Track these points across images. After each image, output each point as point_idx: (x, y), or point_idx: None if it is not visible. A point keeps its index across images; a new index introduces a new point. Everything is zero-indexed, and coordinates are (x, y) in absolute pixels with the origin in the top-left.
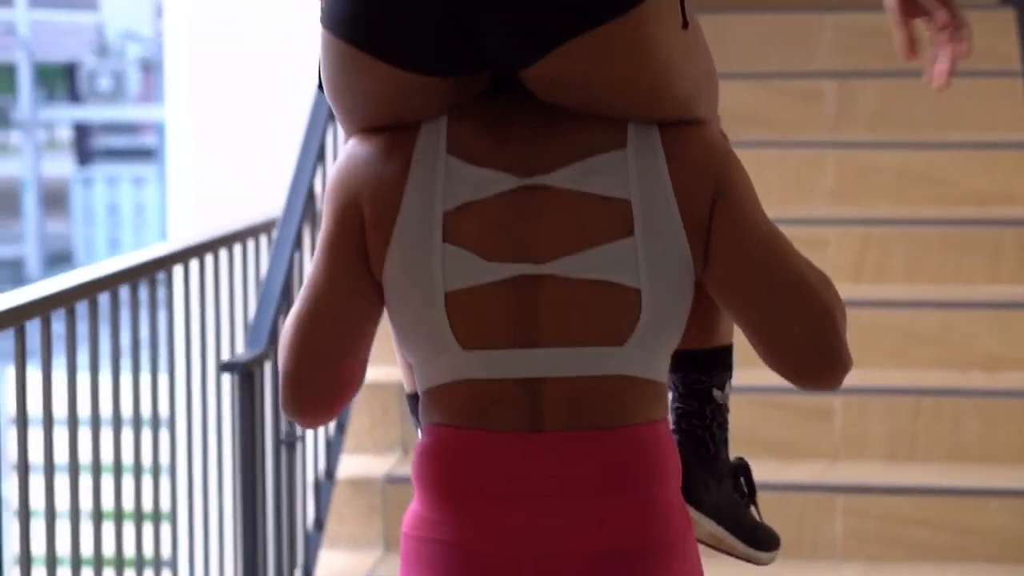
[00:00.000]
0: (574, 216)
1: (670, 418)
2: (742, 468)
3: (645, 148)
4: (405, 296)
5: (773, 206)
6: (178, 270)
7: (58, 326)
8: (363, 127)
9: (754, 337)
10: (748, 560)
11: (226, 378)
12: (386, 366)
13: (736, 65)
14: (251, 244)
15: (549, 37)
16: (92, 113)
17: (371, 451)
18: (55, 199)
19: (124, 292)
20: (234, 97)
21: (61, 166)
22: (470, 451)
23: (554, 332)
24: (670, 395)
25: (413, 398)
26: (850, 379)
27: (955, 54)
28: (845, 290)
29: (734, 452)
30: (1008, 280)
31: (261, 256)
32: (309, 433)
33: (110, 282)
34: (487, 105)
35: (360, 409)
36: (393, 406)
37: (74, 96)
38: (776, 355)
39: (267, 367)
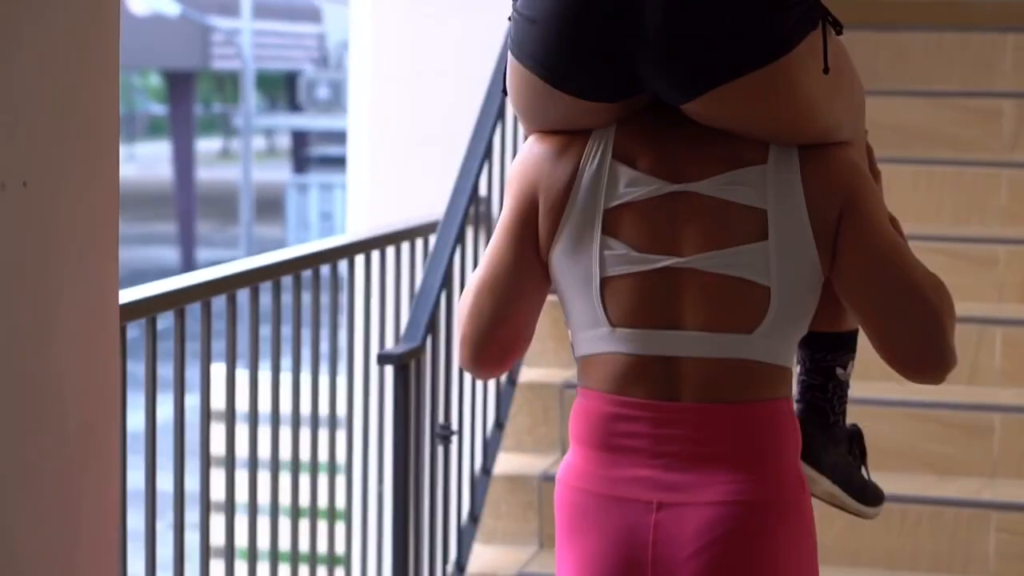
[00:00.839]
0: (715, 219)
1: (795, 389)
2: (856, 434)
3: (783, 166)
4: (568, 278)
5: (946, 223)
6: (343, 265)
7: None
8: (542, 129)
9: (870, 332)
10: (857, 514)
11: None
12: (547, 367)
13: (916, 83)
14: (419, 243)
15: (700, 83)
16: (308, 121)
17: (531, 450)
18: (272, 205)
19: (287, 281)
20: (410, 107)
21: (279, 173)
22: (615, 414)
23: (692, 318)
24: (797, 369)
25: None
26: (1011, 397)
27: None
28: (1014, 309)
29: (894, 466)
30: None
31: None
32: (466, 429)
33: (272, 272)
34: (649, 118)
35: (520, 408)
36: (553, 407)
37: (294, 105)
38: (887, 349)
39: (424, 360)
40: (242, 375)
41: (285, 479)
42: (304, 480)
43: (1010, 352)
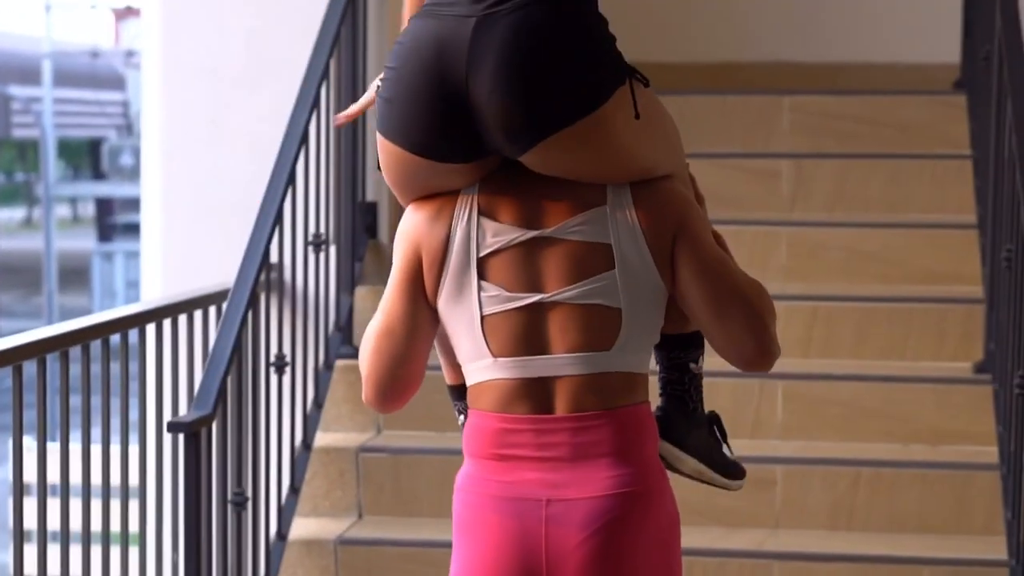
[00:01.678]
0: (570, 258)
1: (658, 384)
2: (715, 418)
3: (619, 203)
4: (454, 319)
5: None
6: (134, 333)
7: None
8: (414, 197)
9: (707, 333)
10: (723, 487)
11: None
12: (343, 432)
13: (697, 145)
14: (212, 310)
15: (527, 139)
16: (112, 189)
17: (327, 514)
18: (77, 274)
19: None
20: (202, 174)
21: (84, 241)
22: (503, 429)
23: (559, 343)
24: (658, 368)
25: (453, 388)
26: (793, 450)
27: None
28: (794, 364)
29: (683, 520)
30: (951, 357)
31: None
32: (262, 494)
33: (61, 342)
34: (504, 175)
35: (316, 473)
36: (349, 470)
37: (98, 172)
38: (722, 347)
39: (214, 427)
40: (30, 445)
41: (76, 551)
42: (96, 552)
43: (790, 406)
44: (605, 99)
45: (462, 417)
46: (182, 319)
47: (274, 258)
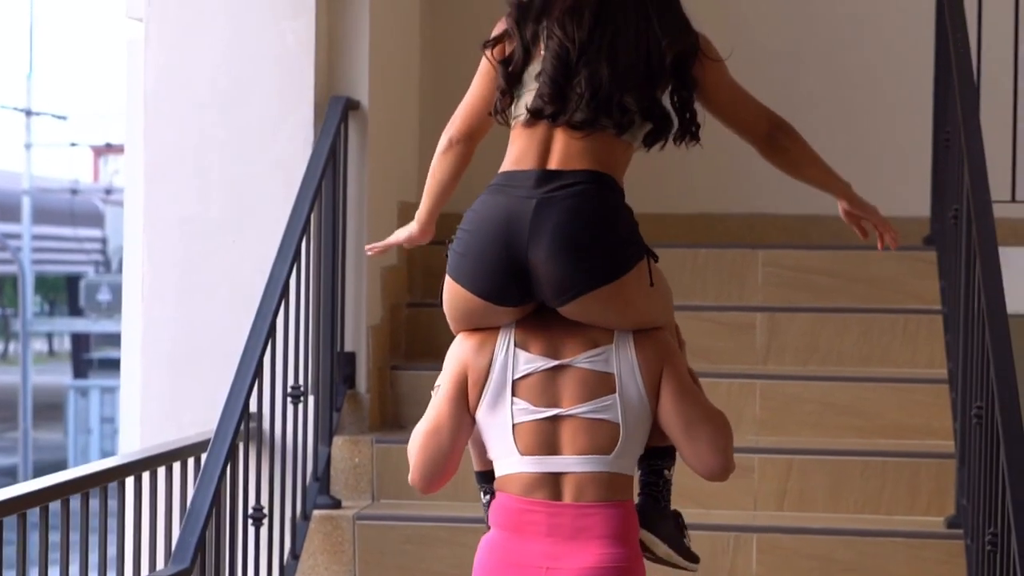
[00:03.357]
0: (583, 382)
1: (638, 486)
2: (678, 515)
3: (623, 344)
4: (490, 425)
5: None
6: (114, 486)
7: None
8: (465, 328)
9: (679, 448)
10: (685, 568)
11: None
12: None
13: (674, 298)
14: (191, 461)
15: (567, 296)
16: (89, 325)
17: None
18: (52, 409)
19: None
20: (184, 320)
21: (60, 376)
22: (522, 509)
23: (570, 447)
24: (639, 473)
25: (480, 473)
26: None
27: (889, 239)
28: (768, 517)
29: None
30: (924, 511)
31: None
32: None
33: (40, 498)
34: (535, 317)
35: None
36: None
37: (75, 308)
38: (690, 459)
39: None
40: None
41: None
42: None
43: (765, 559)
44: (629, 270)
45: (487, 497)
46: (161, 471)
47: (253, 408)
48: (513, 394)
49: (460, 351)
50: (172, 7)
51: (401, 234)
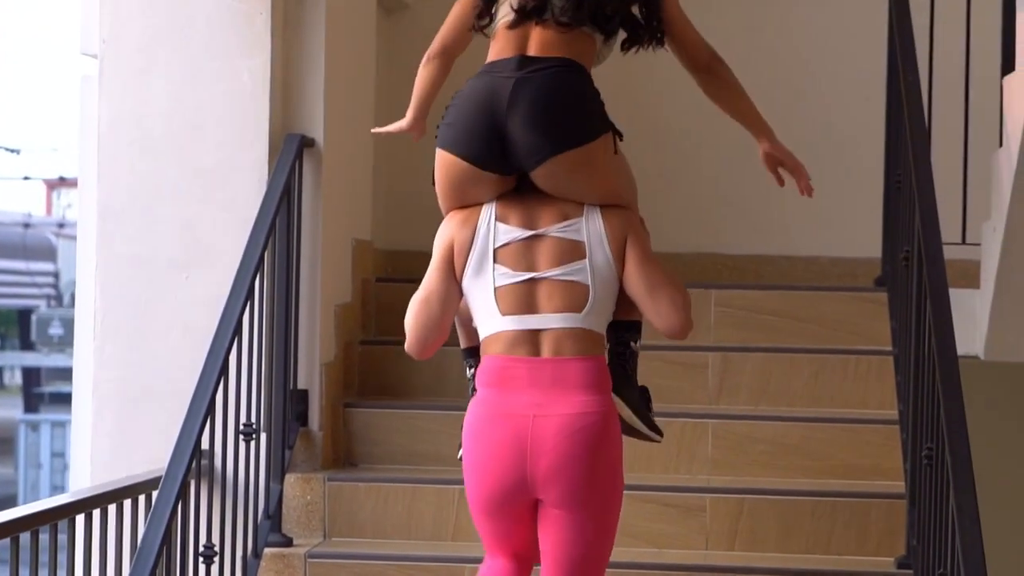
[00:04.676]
0: (556, 250)
1: (607, 356)
2: (645, 389)
3: (592, 216)
4: (475, 290)
5: (657, 472)
6: (64, 524)
7: None
8: (453, 206)
9: (643, 308)
10: (647, 438)
11: None
12: None
13: None
14: (141, 499)
15: (541, 156)
16: (40, 359)
17: None
18: (1, 443)
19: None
20: (136, 359)
21: (10, 411)
22: (505, 366)
23: (546, 306)
24: (608, 344)
25: (465, 350)
26: None
27: (804, 185)
28: (719, 557)
29: None
30: (874, 552)
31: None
32: None
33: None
34: (513, 195)
35: None
36: None
37: (26, 342)
38: (653, 319)
39: None
40: None
41: None
42: None
43: None
44: (595, 137)
45: (471, 370)
46: (111, 509)
47: (205, 445)
48: (495, 261)
49: (447, 229)
50: (126, 44)
51: (396, 125)
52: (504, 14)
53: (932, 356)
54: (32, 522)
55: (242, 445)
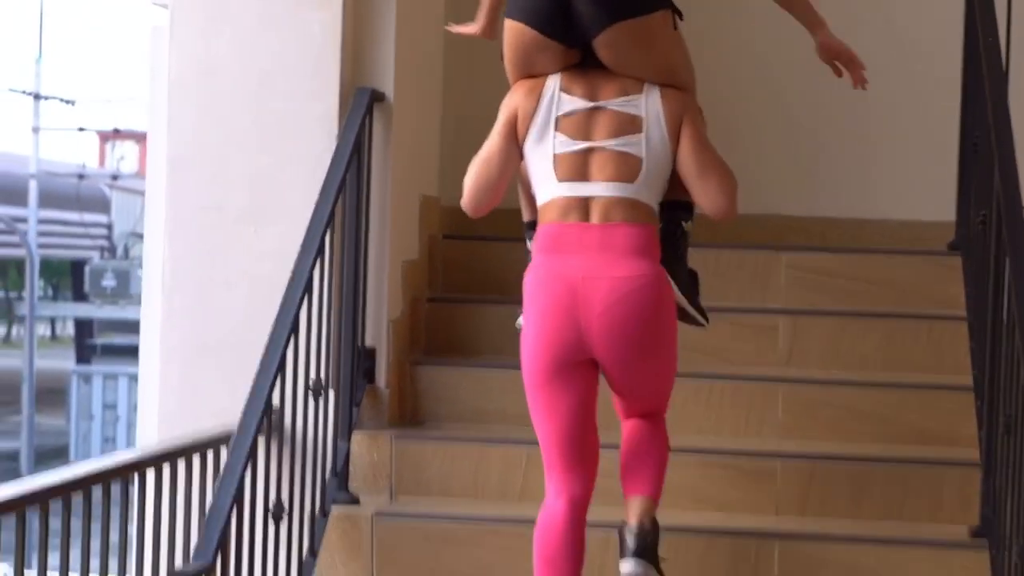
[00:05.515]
0: (614, 122)
1: (660, 235)
2: (695, 273)
3: (651, 93)
4: (535, 155)
5: (726, 437)
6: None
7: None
8: (520, 76)
9: (692, 189)
10: (693, 321)
11: None
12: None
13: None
14: (210, 455)
15: (604, 21)
16: (93, 311)
17: None
18: (55, 394)
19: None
20: (201, 312)
21: (63, 361)
22: (559, 232)
23: (599, 174)
24: (660, 223)
25: (529, 224)
26: None
27: (858, 77)
28: (790, 522)
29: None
30: (948, 520)
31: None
32: None
33: (61, 490)
34: (577, 69)
35: None
36: None
37: (79, 293)
38: (701, 198)
39: None
40: None
41: None
42: None
43: (787, 567)
44: (653, 10)
45: (530, 243)
46: (181, 465)
47: (275, 402)
48: (556, 129)
49: (513, 97)
50: None
51: (468, 27)
52: None
53: (1012, 321)
54: (103, 477)
55: (311, 403)
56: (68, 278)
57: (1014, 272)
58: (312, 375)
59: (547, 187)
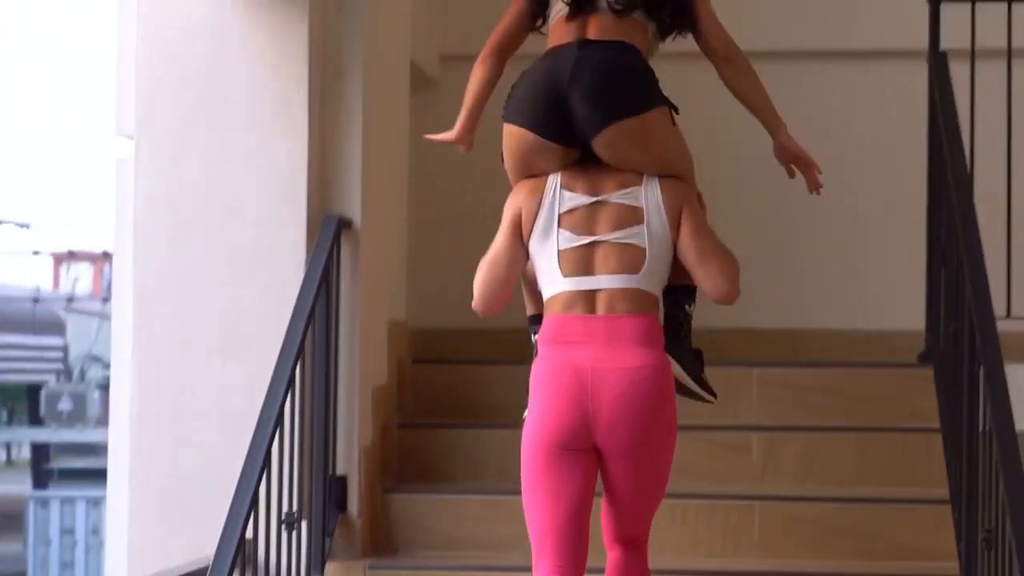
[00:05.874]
0: (616, 215)
1: (663, 319)
2: (700, 352)
3: (651, 185)
4: (540, 253)
5: (701, 556)
6: None
7: None
8: (521, 177)
9: (695, 275)
10: (698, 397)
11: None
12: None
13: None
14: None
15: (601, 123)
16: (49, 435)
17: None
18: (11, 519)
19: None
20: (171, 446)
21: (19, 487)
22: (565, 324)
23: (603, 268)
24: (664, 307)
25: (531, 317)
26: None
27: (813, 181)
28: None
29: None
30: None
31: None
32: None
33: None
34: (577, 166)
35: None
36: None
37: (35, 417)
38: (703, 283)
39: None
40: None
41: None
42: None
43: None
44: (650, 108)
45: (535, 336)
46: None
47: (248, 535)
48: (559, 226)
49: (517, 198)
50: (164, 126)
51: (445, 135)
52: (559, 10)
53: (987, 433)
54: None
55: (283, 535)
56: (24, 402)
57: (989, 384)
58: (285, 507)
59: (553, 282)
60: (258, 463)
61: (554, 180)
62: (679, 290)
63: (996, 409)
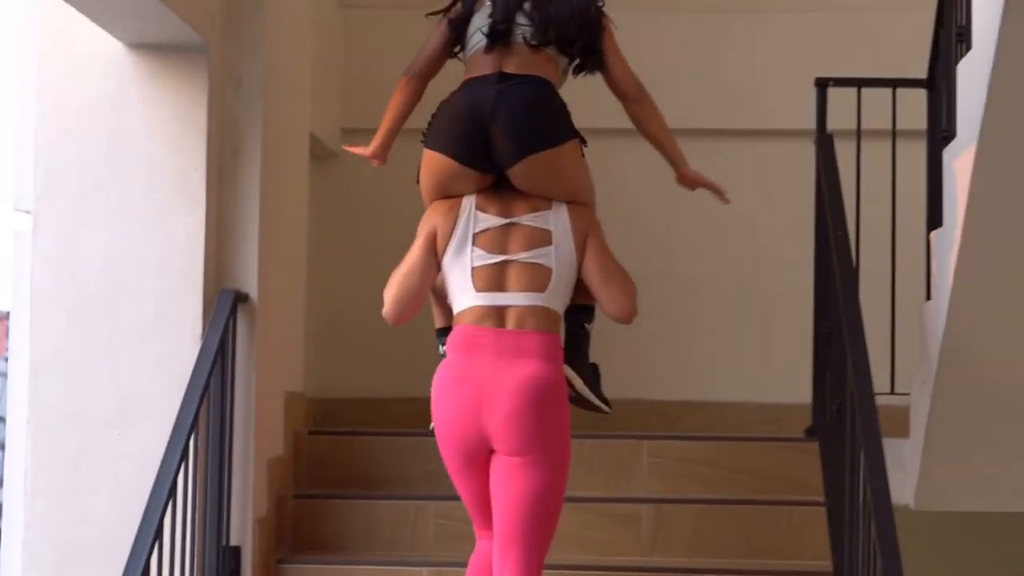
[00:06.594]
0: (526, 236)
1: (563, 336)
2: (596, 366)
3: (559, 209)
4: (454, 269)
5: None
6: None
7: None
8: (436, 198)
9: (596, 294)
10: (596, 409)
11: None
12: None
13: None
14: None
15: (519, 155)
16: None
17: None
18: None
19: None
20: (64, 520)
21: None
22: (474, 335)
23: (514, 285)
24: (565, 324)
25: (439, 330)
26: None
27: (721, 197)
28: None
29: None
30: None
31: None
32: None
33: None
34: (491, 190)
35: None
36: None
37: None
38: (605, 303)
39: None
40: None
41: None
42: None
43: None
44: (563, 142)
45: (442, 348)
46: None
47: None
48: (473, 244)
49: (432, 217)
50: (62, 201)
51: (361, 149)
52: (477, 41)
53: (867, 508)
54: None
55: None
56: None
57: (868, 460)
58: None
59: (465, 296)
60: (150, 534)
61: (469, 201)
62: (579, 309)
63: (875, 486)
